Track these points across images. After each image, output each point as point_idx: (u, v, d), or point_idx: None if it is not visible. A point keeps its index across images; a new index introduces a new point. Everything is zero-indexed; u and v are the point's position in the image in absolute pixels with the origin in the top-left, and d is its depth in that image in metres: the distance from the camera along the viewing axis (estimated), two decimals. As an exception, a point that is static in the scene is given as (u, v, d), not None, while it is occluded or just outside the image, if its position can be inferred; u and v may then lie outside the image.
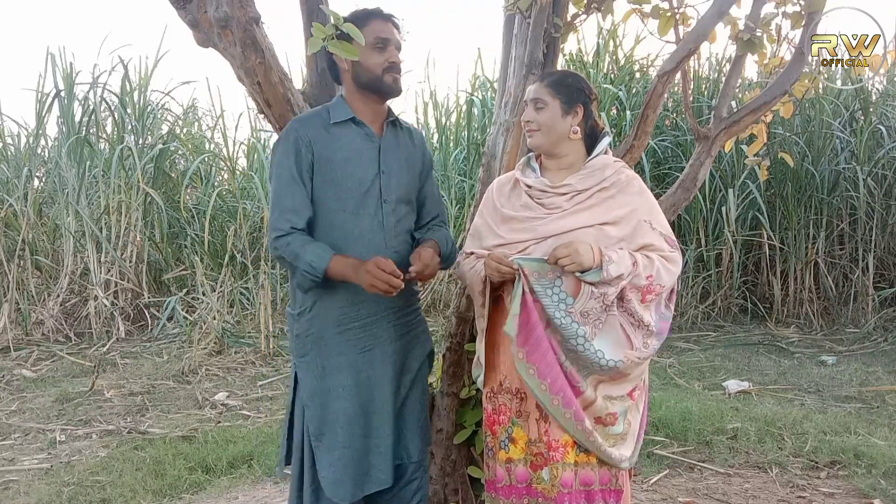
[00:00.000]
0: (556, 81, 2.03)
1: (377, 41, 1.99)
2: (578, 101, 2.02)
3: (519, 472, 2.01)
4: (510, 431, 2.02)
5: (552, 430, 1.95)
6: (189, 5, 2.21)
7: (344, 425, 2.02)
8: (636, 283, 1.90)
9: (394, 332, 2.08)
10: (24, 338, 6.35)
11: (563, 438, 1.94)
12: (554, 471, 1.95)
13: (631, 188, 2.01)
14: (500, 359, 2.05)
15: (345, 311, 2.02)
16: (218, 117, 7.99)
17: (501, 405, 2.04)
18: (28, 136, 7.92)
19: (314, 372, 2.05)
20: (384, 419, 2.06)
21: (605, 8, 2.58)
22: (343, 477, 2.01)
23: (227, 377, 5.28)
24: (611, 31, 7.37)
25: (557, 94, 2.01)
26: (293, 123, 2.07)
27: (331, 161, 2.00)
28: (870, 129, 6.62)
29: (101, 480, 3.43)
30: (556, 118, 2.00)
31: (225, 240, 6.74)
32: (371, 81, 2.02)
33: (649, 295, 1.92)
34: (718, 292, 6.59)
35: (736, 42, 2.49)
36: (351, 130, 2.05)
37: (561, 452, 1.95)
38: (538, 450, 1.98)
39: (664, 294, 1.96)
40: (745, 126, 2.63)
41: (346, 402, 2.02)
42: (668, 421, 3.91)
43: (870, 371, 5.05)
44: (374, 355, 2.04)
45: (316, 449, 2.03)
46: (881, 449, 3.51)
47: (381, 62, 2.00)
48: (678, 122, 6.94)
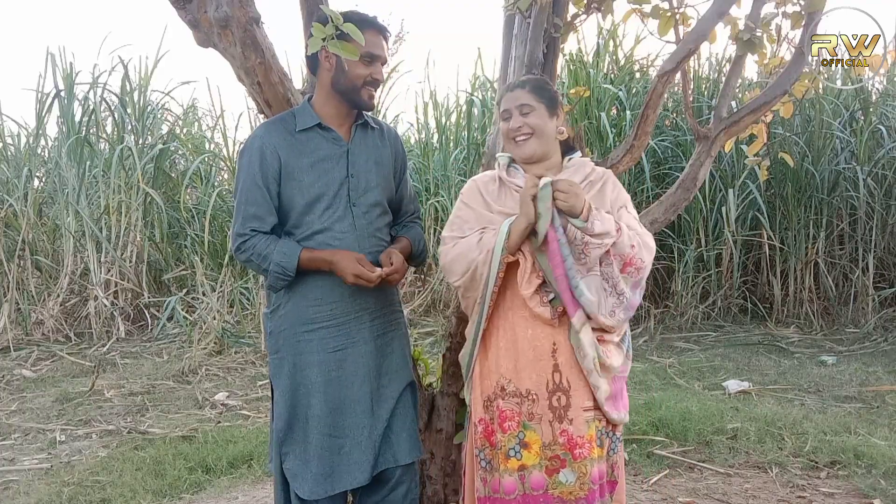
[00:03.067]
0: (536, 86, 2.06)
1: (366, 55, 1.99)
2: (558, 103, 2.08)
3: (534, 479, 1.93)
4: (522, 437, 1.94)
5: (573, 427, 1.92)
6: (189, 5, 2.22)
7: (310, 422, 2.04)
8: (621, 250, 1.93)
9: (368, 333, 2.08)
10: (24, 338, 6.35)
11: (587, 434, 1.93)
12: (582, 468, 1.91)
13: (610, 180, 2.09)
14: (502, 361, 1.99)
15: (316, 310, 2.04)
16: (218, 117, 8.00)
17: (505, 411, 1.96)
18: (28, 136, 7.92)
19: (285, 369, 2.08)
20: (358, 420, 2.05)
21: (605, 8, 2.58)
22: (304, 472, 2.03)
23: (227, 377, 5.28)
24: (611, 31, 7.36)
25: (541, 98, 2.04)
26: (258, 130, 2.10)
27: (298, 167, 2.03)
28: (870, 129, 6.62)
29: (101, 480, 3.43)
30: (545, 120, 2.03)
31: (225, 240, 6.74)
32: (348, 91, 2.03)
33: (630, 267, 1.95)
34: (718, 292, 6.59)
35: (736, 42, 2.48)
36: (317, 136, 2.07)
37: (588, 448, 1.92)
38: (553, 453, 1.93)
39: (643, 274, 1.99)
40: (745, 126, 2.63)
41: (314, 399, 2.04)
42: (668, 421, 3.91)
43: (870, 371, 5.05)
44: (347, 355, 2.05)
45: (283, 443, 2.07)
46: (881, 449, 3.51)
47: (364, 75, 2.01)
48: (678, 122, 6.93)
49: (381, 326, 2.12)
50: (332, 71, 2.03)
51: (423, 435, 2.53)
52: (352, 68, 1.99)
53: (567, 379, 1.94)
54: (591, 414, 1.95)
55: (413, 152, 7.59)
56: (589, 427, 1.93)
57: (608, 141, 6.46)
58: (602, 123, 6.52)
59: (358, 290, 2.04)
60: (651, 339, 6.09)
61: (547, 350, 1.95)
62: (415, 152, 7.71)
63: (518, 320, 1.98)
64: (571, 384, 1.94)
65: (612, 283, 1.94)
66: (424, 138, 7.96)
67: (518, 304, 1.98)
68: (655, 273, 6.73)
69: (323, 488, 2.02)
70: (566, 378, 1.94)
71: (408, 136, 8.20)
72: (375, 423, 2.07)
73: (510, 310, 2.00)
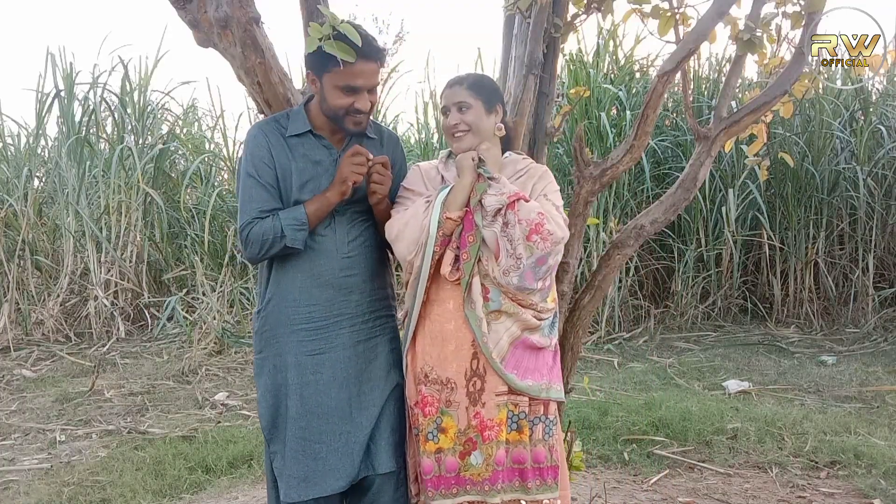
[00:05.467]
0: (474, 83, 2.11)
1: (344, 87, 1.94)
2: (497, 100, 2.13)
3: (448, 462, 2.02)
4: (439, 421, 2.03)
5: (485, 410, 1.99)
6: (189, 5, 2.21)
7: (288, 424, 2.04)
8: (526, 215, 1.96)
9: (348, 339, 2.06)
10: (24, 338, 6.35)
11: (497, 417, 2.00)
12: (488, 450, 1.99)
13: (539, 174, 2.13)
14: (428, 349, 2.06)
15: (294, 311, 2.04)
16: (218, 117, 7.98)
17: (427, 396, 2.04)
18: (28, 136, 7.92)
19: (266, 369, 2.09)
20: (335, 426, 2.03)
21: (605, 8, 2.58)
22: (282, 475, 2.04)
23: (227, 377, 5.28)
24: (611, 31, 7.36)
25: (478, 95, 2.08)
26: (252, 129, 2.10)
27: (286, 170, 2.03)
28: (870, 129, 6.62)
29: (101, 480, 3.43)
30: (481, 117, 2.08)
31: (225, 240, 6.75)
32: (331, 117, 2.02)
33: (535, 235, 1.95)
34: (718, 292, 6.59)
35: (736, 42, 2.48)
36: (308, 141, 2.06)
37: (496, 431, 2.00)
38: (467, 437, 2.01)
39: (549, 249, 1.97)
40: (745, 126, 2.62)
41: (290, 400, 2.04)
42: (668, 421, 3.91)
43: (870, 371, 5.05)
44: (325, 359, 2.04)
45: (270, 443, 2.08)
46: (881, 449, 3.51)
47: (345, 105, 1.97)
48: (678, 122, 6.93)
49: (363, 332, 2.09)
50: (317, 93, 2.02)
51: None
52: (332, 98, 1.97)
53: (483, 365, 2.01)
54: (503, 399, 2.01)
55: (413, 152, 7.58)
56: (500, 411, 2.00)
57: (608, 141, 6.45)
58: (602, 123, 6.52)
59: (335, 295, 2.04)
60: (651, 338, 6.09)
61: (468, 340, 2.02)
62: (415, 152, 7.70)
63: (443, 312, 2.05)
64: (487, 370, 2.01)
65: (513, 244, 1.97)
66: (424, 138, 7.95)
67: (444, 296, 2.05)
68: (655, 273, 6.73)
69: (297, 492, 2.01)
70: (482, 364, 2.01)
71: (408, 136, 8.19)
72: (354, 430, 2.04)
73: (435, 303, 2.06)
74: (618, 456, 3.61)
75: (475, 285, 2.00)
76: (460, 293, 2.02)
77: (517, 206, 1.97)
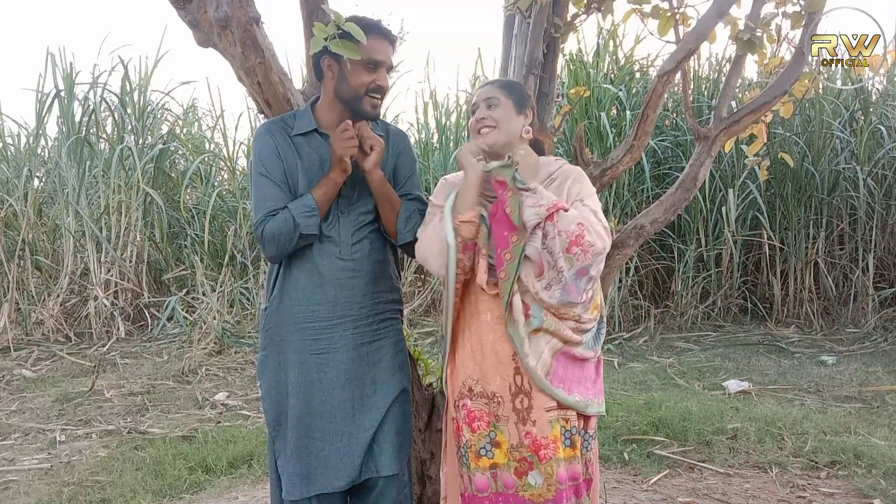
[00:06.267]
0: (506, 83, 2.10)
1: (369, 61, 1.96)
2: (528, 105, 2.09)
3: (506, 479, 1.95)
4: (493, 436, 1.96)
5: (537, 429, 1.92)
6: (189, 5, 2.21)
7: (290, 422, 2.05)
8: (566, 226, 1.88)
9: (351, 341, 2.06)
10: (24, 338, 6.35)
11: (551, 434, 1.92)
12: (547, 469, 1.91)
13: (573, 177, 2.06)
14: (468, 363, 2.00)
15: (298, 310, 2.05)
16: (218, 117, 8.01)
17: (474, 411, 1.97)
18: (28, 136, 7.93)
19: (270, 366, 2.10)
20: (337, 426, 2.03)
21: (605, 8, 2.58)
22: (284, 471, 2.05)
23: (227, 377, 5.28)
24: (611, 31, 7.36)
25: (510, 94, 2.05)
26: (260, 129, 2.11)
27: (293, 169, 2.04)
28: (870, 129, 6.62)
29: (101, 480, 3.43)
30: (510, 116, 2.04)
31: (225, 240, 6.75)
32: (350, 99, 2.01)
33: (576, 247, 1.87)
34: (718, 292, 6.59)
35: (736, 42, 2.48)
36: (314, 141, 2.07)
37: (552, 449, 1.92)
38: (520, 455, 1.94)
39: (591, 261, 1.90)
40: (745, 126, 2.63)
41: (293, 399, 2.05)
42: (668, 421, 3.91)
43: (870, 371, 5.05)
44: (328, 359, 2.04)
45: (275, 441, 2.09)
46: (881, 449, 3.51)
47: (367, 82, 1.98)
48: (678, 122, 6.93)
49: (366, 335, 2.08)
50: (334, 79, 2.01)
51: (423, 435, 2.53)
52: (354, 75, 1.97)
53: (528, 381, 1.94)
54: (554, 414, 1.94)
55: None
56: (553, 427, 1.93)
57: (608, 141, 6.46)
58: (602, 123, 6.52)
59: (339, 296, 2.04)
60: (651, 338, 6.09)
61: (507, 353, 1.95)
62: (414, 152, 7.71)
63: (481, 324, 1.99)
64: (532, 387, 1.94)
65: (553, 257, 1.90)
66: (424, 138, 7.96)
67: (481, 308, 1.99)
68: (655, 273, 6.73)
69: (298, 490, 2.01)
70: (527, 380, 1.94)
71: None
72: (357, 432, 2.04)
73: (474, 315, 2.01)
74: (618, 456, 3.61)
75: (516, 303, 1.93)
76: (498, 304, 1.95)
77: (556, 217, 1.89)
